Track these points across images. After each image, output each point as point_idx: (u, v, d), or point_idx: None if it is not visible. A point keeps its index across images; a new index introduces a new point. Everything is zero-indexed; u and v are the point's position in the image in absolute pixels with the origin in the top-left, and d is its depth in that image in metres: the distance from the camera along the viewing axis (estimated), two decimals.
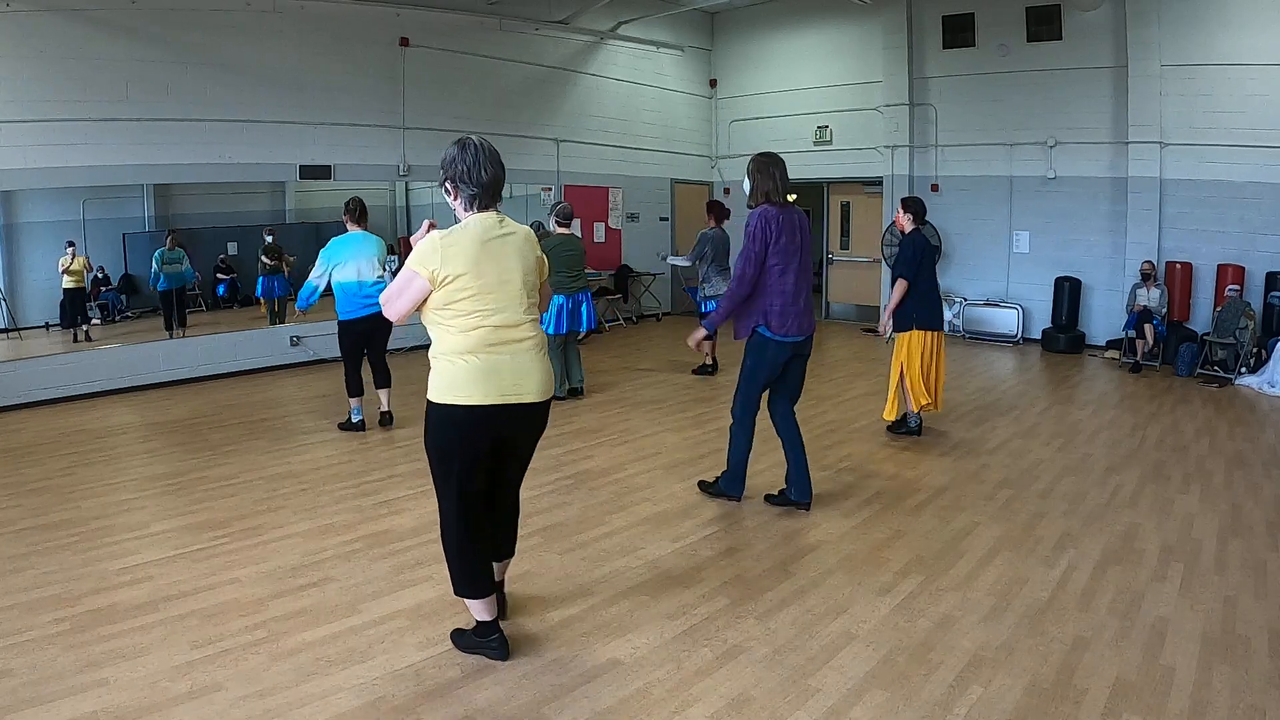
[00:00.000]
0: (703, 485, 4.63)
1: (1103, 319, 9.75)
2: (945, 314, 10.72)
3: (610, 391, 7.27)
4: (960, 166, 10.73)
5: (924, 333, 5.64)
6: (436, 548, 3.79)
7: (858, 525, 4.15)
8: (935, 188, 10.90)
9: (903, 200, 5.75)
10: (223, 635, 3.00)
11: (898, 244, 5.84)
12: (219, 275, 9.03)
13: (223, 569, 3.58)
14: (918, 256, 5.53)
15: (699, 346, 4.50)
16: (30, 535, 3.97)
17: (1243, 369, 8.02)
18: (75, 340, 7.73)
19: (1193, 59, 8.82)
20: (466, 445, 2.67)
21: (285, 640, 2.97)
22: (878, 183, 11.36)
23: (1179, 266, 9.02)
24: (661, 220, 12.53)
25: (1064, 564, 3.68)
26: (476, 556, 2.79)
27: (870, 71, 11.29)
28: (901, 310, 5.65)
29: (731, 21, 12.65)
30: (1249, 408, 7.02)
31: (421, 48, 9.29)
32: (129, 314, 8.36)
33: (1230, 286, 8.45)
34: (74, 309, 7.78)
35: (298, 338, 8.50)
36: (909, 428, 5.86)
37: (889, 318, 5.69)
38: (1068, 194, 9.93)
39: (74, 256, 7.57)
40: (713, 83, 13.01)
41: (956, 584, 3.48)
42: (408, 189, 10.37)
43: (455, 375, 2.60)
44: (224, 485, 4.74)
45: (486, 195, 2.68)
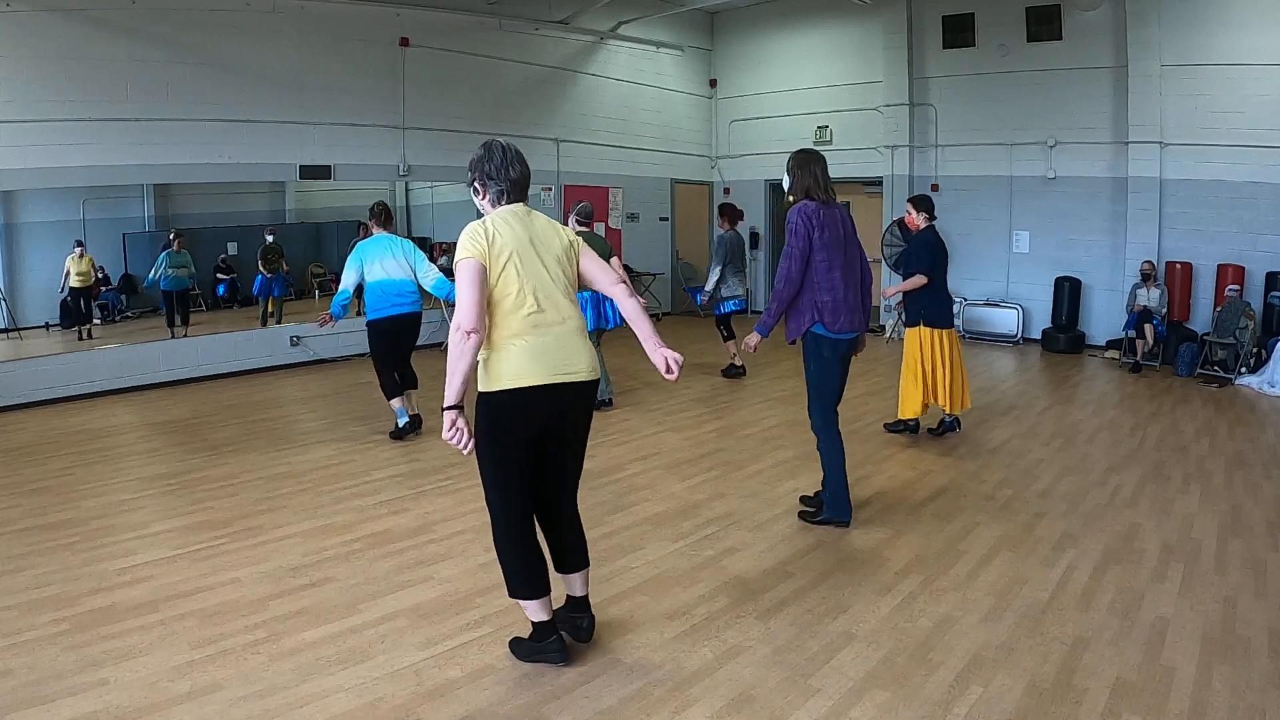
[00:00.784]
0: (805, 516, 4.21)
1: (1103, 319, 9.75)
2: None
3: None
4: (960, 166, 10.73)
5: (932, 330, 5.61)
6: (437, 548, 3.81)
7: (858, 525, 4.15)
8: (935, 188, 10.89)
9: (912, 199, 5.75)
10: (223, 635, 3.00)
11: (900, 243, 5.83)
12: (219, 275, 9.04)
13: (223, 569, 3.58)
14: (930, 253, 5.53)
15: (755, 349, 4.16)
16: (30, 535, 3.97)
17: (1243, 369, 8.02)
18: (80, 339, 7.74)
19: (1193, 59, 8.82)
20: (519, 430, 2.63)
21: (285, 640, 2.97)
22: (878, 183, 11.36)
23: (1179, 266, 9.02)
24: (661, 220, 12.53)
25: (1064, 564, 3.68)
26: (531, 554, 2.74)
27: (870, 71, 11.29)
28: (911, 307, 5.66)
29: (731, 21, 12.65)
30: (1249, 408, 7.02)
31: (421, 48, 9.29)
32: (129, 314, 8.36)
33: (1230, 286, 8.45)
34: (76, 308, 7.79)
35: (298, 338, 8.50)
36: (907, 427, 5.85)
37: (896, 292, 5.69)
38: (1068, 194, 9.93)
39: (82, 256, 7.59)
40: (713, 83, 13.02)
41: (956, 584, 3.48)
42: (408, 189, 10.37)
43: (506, 360, 2.59)
44: (224, 485, 4.74)
45: (515, 190, 2.73)
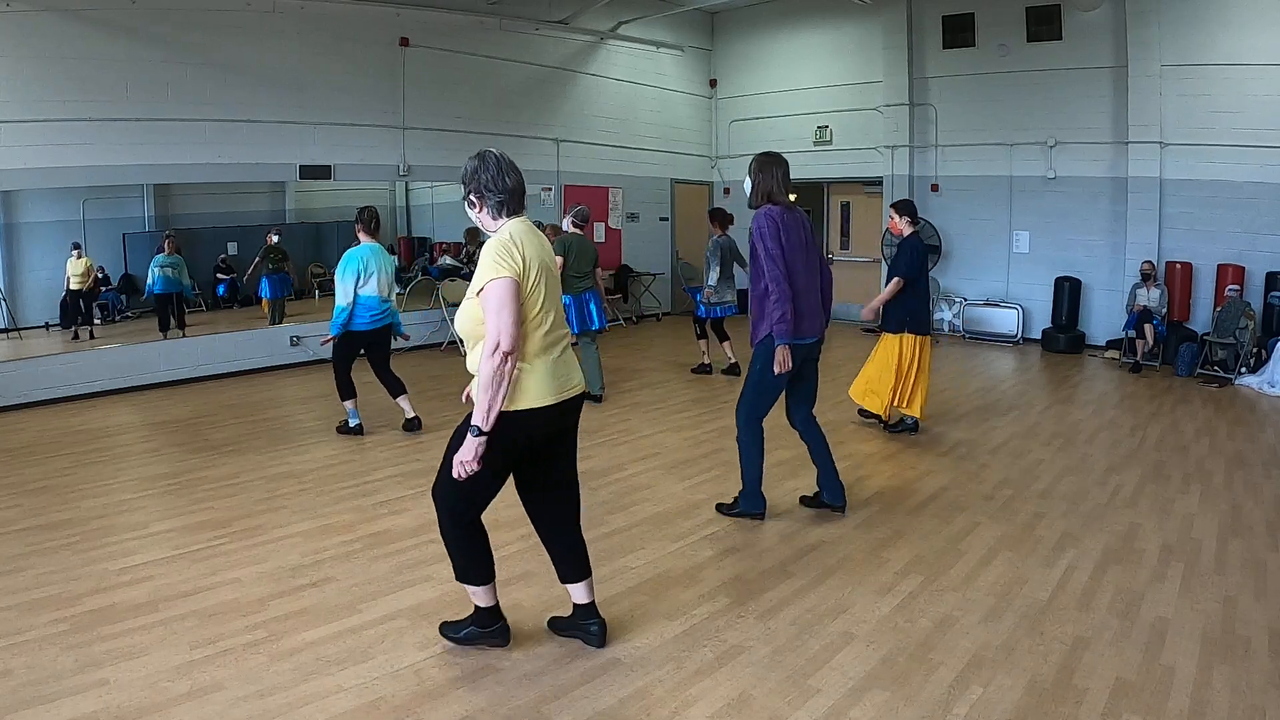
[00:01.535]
0: (721, 508, 4.32)
1: (1103, 319, 9.75)
2: (945, 314, 10.77)
3: (610, 391, 7.26)
4: (960, 166, 10.73)
5: (914, 337, 5.64)
6: (436, 548, 3.80)
7: (858, 525, 4.15)
8: (935, 188, 10.90)
9: (894, 204, 5.74)
10: (223, 635, 3.00)
11: (895, 245, 5.84)
12: (219, 275, 9.04)
13: (223, 569, 3.58)
14: (919, 259, 5.54)
15: (783, 367, 3.97)
16: (30, 535, 3.97)
17: (1243, 369, 8.02)
18: (75, 339, 7.74)
19: (1193, 59, 8.82)
20: (521, 445, 2.66)
21: (285, 640, 2.97)
22: (878, 183, 11.36)
23: (1179, 266, 9.02)
24: (661, 220, 12.53)
25: (1064, 564, 3.68)
26: (485, 539, 2.80)
27: (870, 71, 11.29)
28: (895, 313, 5.65)
29: (731, 21, 12.65)
30: (1249, 408, 7.02)
31: (421, 48, 9.29)
32: (129, 314, 8.36)
33: (1230, 286, 8.45)
34: (76, 309, 7.79)
35: (298, 338, 8.50)
36: (907, 425, 5.87)
37: (879, 305, 5.68)
38: (1068, 194, 9.93)
39: (80, 257, 7.59)
40: (713, 83, 13.02)
41: (956, 584, 3.48)
42: (408, 189, 10.38)
43: (529, 380, 2.59)
44: (224, 485, 4.74)
45: (514, 200, 2.68)
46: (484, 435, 2.49)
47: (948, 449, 5.56)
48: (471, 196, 2.68)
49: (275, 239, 8.89)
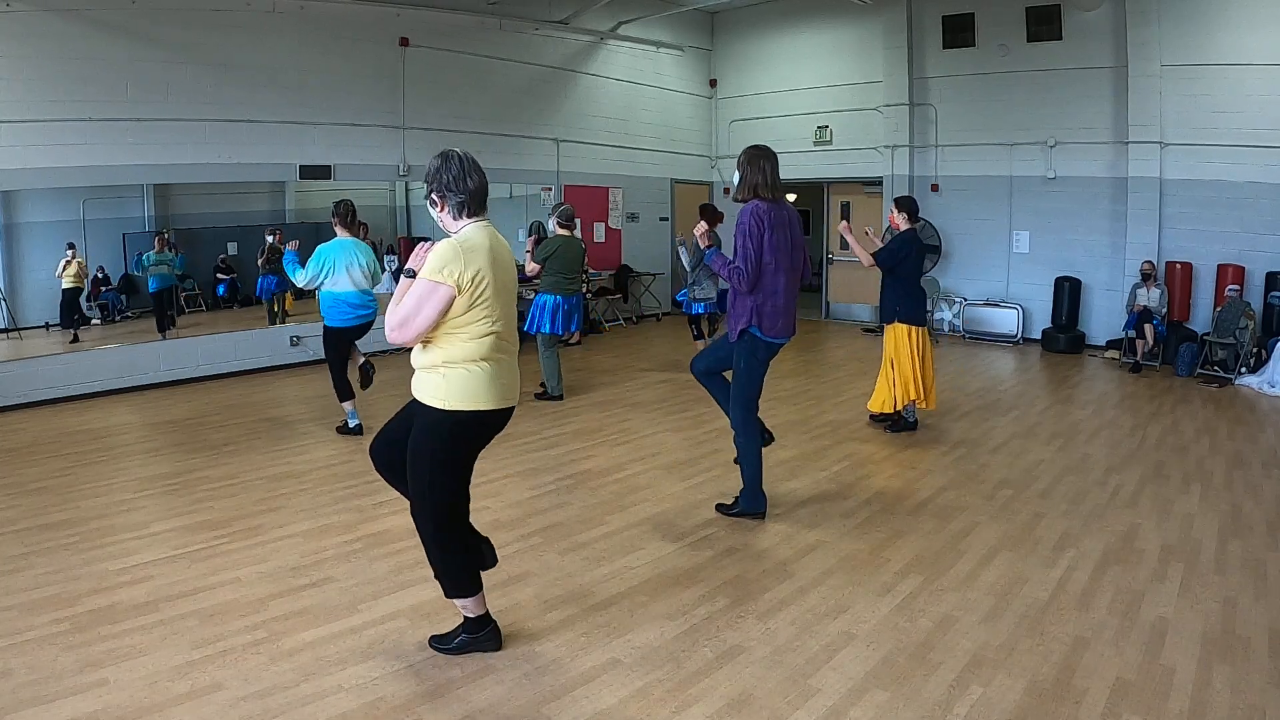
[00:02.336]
0: (721, 509, 4.30)
1: (1103, 319, 9.74)
2: (945, 314, 10.76)
3: (610, 391, 7.27)
4: (960, 166, 10.73)
5: (908, 327, 5.68)
6: None
7: (858, 525, 4.15)
8: (935, 188, 10.90)
9: (896, 200, 5.85)
10: (223, 635, 3.00)
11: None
12: (219, 275, 9.03)
13: (223, 569, 3.58)
14: (901, 251, 5.63)
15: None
16: (30, 535, 3.97)
17: (1243, 369, 8.02)
18: (73, 340, 7.73)
19: (1193, 59, 8.82)
20: (471, 450, 2.74)
21: (285, 640, 2.97)
22: (878, 183, 11.36)
23: (1179, 266, 9.02)
24: (661, 220, 12.53)
25: (1064, 564, 3.68)
26: (472, 553, 2.83)
27: (870, 71, 11.29)
28: (886, 304, 5.76)
29: (731, 21, 12.65)
30: (1249, 408, 7.02)
31: (421, 48, 9.29)
32: (129, 314, 8.35)
33: (1230, 286, 8.45)
34: (70, 309, 7.77)
35: (298, 338, 8.50)
36: (907, 423, 5.88)
37: (855, 241, 5.81)
38: (1068, 194, 9.93)
39: (72, 259, 7.58)
40: (713, 83, 13.01)
41: (956, 584, 3.48)
42: (408, 189, 10.36)
43: (469, 382, 2.60)
44: (224, 485, 4.74)
45: (474, 202, 2.67)
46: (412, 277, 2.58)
47: (948, 449, 5.56)
48: (433, 195, 2.67)
49: (271, 239, 8.88)
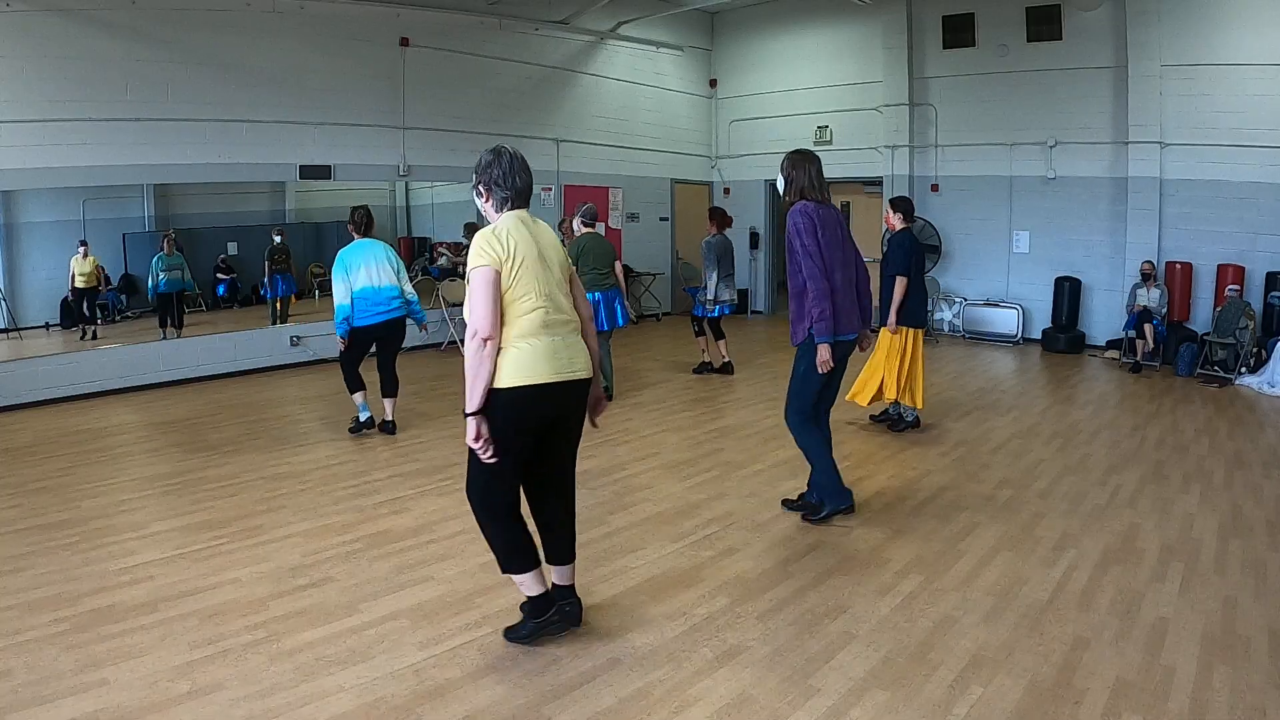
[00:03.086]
0: (807, 518, 4.16)
1: (1103, 319, 9.75)
2: (945, 314, 10.77)
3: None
4: (960, 166, 10.73)
5: (909, 330, 5.72)
6: (437, 547, 3.81)
7: (858, 525, 4.15)
8: (935, 188, 10.90)
9: (891, 200, 5.86)
10: (223, 635, 3.00)
11: (887, 242, 5.92)
12: (219, 275, 9.04)
13: (223, 569, 3.58)
14: (908, 253, 5.61)
15: (826, 366, 3.93)
16: (30, 535, 3.97)
17: (1243, 369, 8.02)
18: (82, 338, 7.76)
19: (1193, 59, 8.82)
20: (528, 424, 2.75)
21: (285, 640, 2.97)
22: (878, 183, 11.36)
23: (1179, 266, 9.02)
24: (661, 220, 12.53)
25: (1064, 564, 3.68)
26: (523, 526, 2.86)
27: (870, 71, 11.29)
28: (886, 307, 5.71)
29: (731, 21, 12.65)
30: (1249, 408, 7.02)
31: (421, 48, 9.29)
32: (129, 314, 8.36)
33: (1230, 286, 8.45)
34: (82, 307, 7.81)
35: (298, 338, 8.51)
36: (906, 422, 5.91)
37: (895, 316, 5.67)
38: (1068, 194, 9.93)
39: (86, 256, 7.61)
40: (713, 83, 13.01)
41: (956, 584, 3.48)
42: (408, 189, 10.37)
43: (519, 358, 2.68)
44: (224, 485, 4.74)
45: (519, 199, 2.82)
46: (475, 415, 2.63)
47: (948, 449, 5.56)
48: (480, 187, 2.82)
49: (279, 239, 8.90)
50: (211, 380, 7.83)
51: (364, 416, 5.74)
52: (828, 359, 3.90)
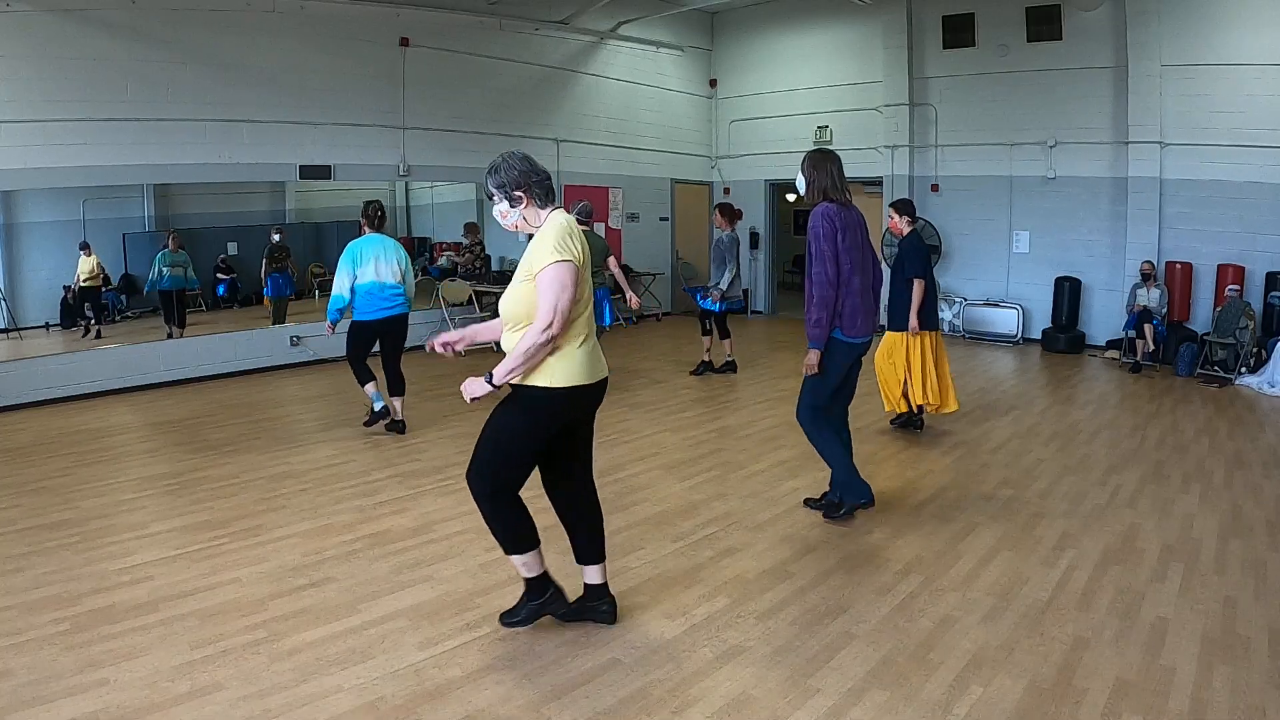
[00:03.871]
0: (829, 516, 4.18)
1: (1103, 319, 9.75)
2: (945, 314, 10.77)
3: (610, 391, 7.24)
4: (960, 166, 10.73)
5: (925, 333, 5.67)
6: (437, 547, 3.81)
7: (858, 525, 4.15)
8: (935, 188, 10.90)
9: (894, 204, 5.78)
10: (223, 635, 3.00)
11: (896, 245, 5.86)
12: (219, 275, 9.04)
13: (223, 569, 3.58)
14: (924, 256, 5.58)
15: (812, 369, 3.96)
16: (30, 535, 3.97)
17: (1243, 369, 8.02)
18: (84, 336, 7.78)
19: (1193, 59, 8.82)
20: (566, 419, 2.84)
21: (285, 640, 2.97)
22: (878, 183, 11.36)
23: (1179, 266, 9.02)
24: (661, 220, 12.53)
25: (1064, 564, 3.68)
26: (526, 509, 2.90)
27: (870, 71, 11.29)
28: (902, 310, 5.64)
29: (731, 21, 12.65)
30: (1249, 408, 7.02)
31: (421, 48, 9.29)
32: (129, 314, 8.36)
33: (1230, 286, 8.45)
34: (86, 306, 7.83)
35: (298, 338, 8.50)
36: (914, 425, 5.92)
37: (916, 320, 5.60)
38: (1068, 194, 9.93)
39: (89, 255, 7.63)
40: (713, 83, 13.01)
41: (956, 584, 3.48)
42: (408, 189, 10.38)
43: (575, 360, 2.75)
44: (224, 485, 4.74)
45: (552, 187, 2.87)
46: (494, 388, 2.71)
47: (948, 449, 5.56)
48: (518, 192, 2.80)
49: (278, 238, 8.91)
50: (211, 380, 7.83)
51: (378, 406, 5.71)
52: (815, 364, 3.94)
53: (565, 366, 2.73)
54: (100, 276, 7.88)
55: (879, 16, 11.03)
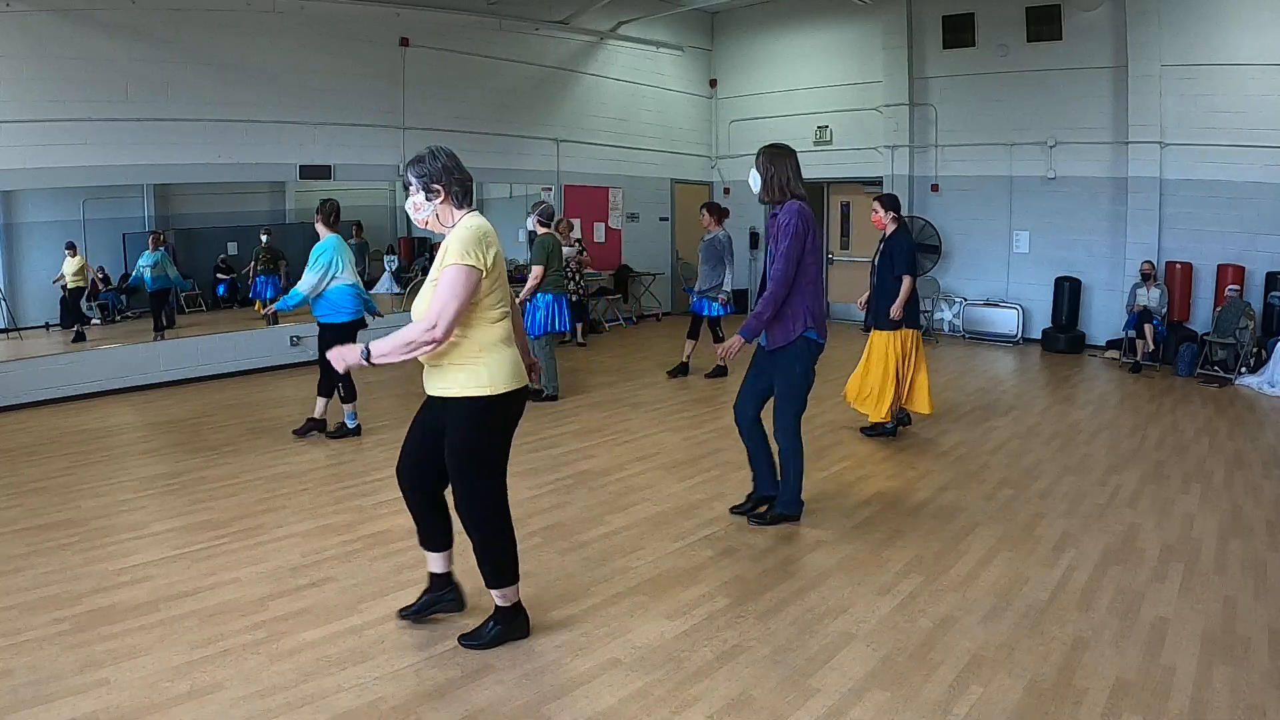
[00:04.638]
0: (754, 519, 4.13)
1: (1103, 319, 9.75)
2: (945, 314, 10.77)
3: (610, 391, 7.27)
4: (960, 166, 10.73)
5: (908, 331, 5.61)
6: None
7: (858, 525, 4.15)
8: (935, 188, 10.90)
9: (882, 199, 5.68)
10: (223, 635, 3.00)
11: (882, 242, 5.73)
12: (219, 275, 9.04)
13: (223, 569, 3.58)
14: (913, 254, 5.55)
15: (729, 354, 3.98)
16: (30, 535, 3.97)
17: (1243, 369, 8.02)
18: (74, 340, 7.74)
19: (1193, 59, 8.82)
20: (508, 432, 2.82)
21: (285, 640, 2.97)
22: (878, 183, 11.35)
23: (1179, 266, 9.02)
24: (661, 220, 12.53)
25: (1064, 564, 3.68)
26: (513, 542, 2.92)
27: (870, 71, 11.29)
28: (888, 309, 5.54)
29: (731, 21, 12.65)
30: (1249, 408, 7.02)
31: (421, 48, 9.29)
32: (129, 314, 8.35)
33: (1230, 286, 8.45)
34: (75, 308, 7.79)
35: (298, 338, 8.50)
36: (885, 429, 5.75)
37: (900, 311, 5.52)
38: (1068, 194, 9.93)
39: (74, 256, 7.59)
40: (713, 83, 13.01)
41: (956, 584, 3.48)
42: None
43: (504, 363, 2.71)
44: (224, 485, 4.74)
45: (471, 187, 2.83)
46: (369, 363, 2.65)
47: (948, 449, 5.56)
48: (436, 186, 2.74)
49: (266, 239, 8.89)
50: (211, 380, 7.82)
51: (352, 424, 5.75)
52: (737, 351, 3.88)
53: (500, 371, 2.69)
54: (85, 277, 7.81)
55: (879, 16, 11.03)
